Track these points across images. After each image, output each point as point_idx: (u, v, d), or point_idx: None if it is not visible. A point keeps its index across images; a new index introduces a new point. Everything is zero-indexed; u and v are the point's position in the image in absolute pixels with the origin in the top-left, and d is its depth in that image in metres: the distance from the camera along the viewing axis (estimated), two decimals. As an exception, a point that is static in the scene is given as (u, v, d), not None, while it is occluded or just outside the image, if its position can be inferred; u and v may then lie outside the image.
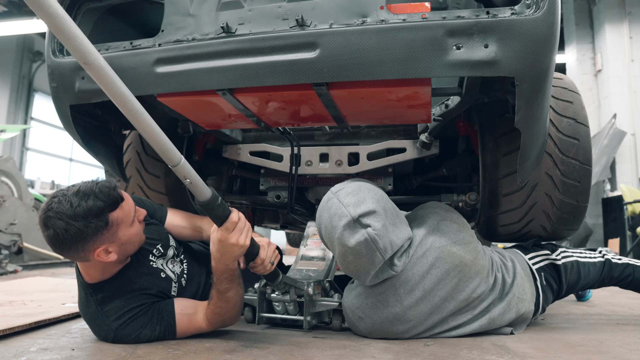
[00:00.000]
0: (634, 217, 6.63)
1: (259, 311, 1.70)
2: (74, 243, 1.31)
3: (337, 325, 1.72)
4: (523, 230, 2.03)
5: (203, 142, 2.42)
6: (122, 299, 1.45)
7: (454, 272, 1.53)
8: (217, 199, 1.22)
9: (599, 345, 1.52)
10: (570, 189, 1.90)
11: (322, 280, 1.79)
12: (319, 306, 1.70)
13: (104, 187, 1.36)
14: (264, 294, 1.70)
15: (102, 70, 0.90)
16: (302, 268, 1.93)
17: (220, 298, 1.45)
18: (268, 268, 1.49)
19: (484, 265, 1.59)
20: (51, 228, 1.30)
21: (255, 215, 3.19)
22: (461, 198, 2.17)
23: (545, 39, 1.18)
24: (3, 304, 2.20)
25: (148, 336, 1.44)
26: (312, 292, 1.66)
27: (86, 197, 1.32)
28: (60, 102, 1.59)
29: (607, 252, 1.97)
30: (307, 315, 1.65)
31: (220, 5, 1.42)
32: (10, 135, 9.21)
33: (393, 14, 1.25)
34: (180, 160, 1.09)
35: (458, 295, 1.55)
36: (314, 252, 2.03)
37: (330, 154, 2.16)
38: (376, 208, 1.44)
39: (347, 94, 1.44)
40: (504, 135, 1.88)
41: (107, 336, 1.44)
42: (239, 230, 1.30)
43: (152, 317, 1.45)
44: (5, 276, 4.30)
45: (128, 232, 1.41)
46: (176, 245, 1.69)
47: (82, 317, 1.53)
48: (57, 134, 14.58)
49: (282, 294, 1.65)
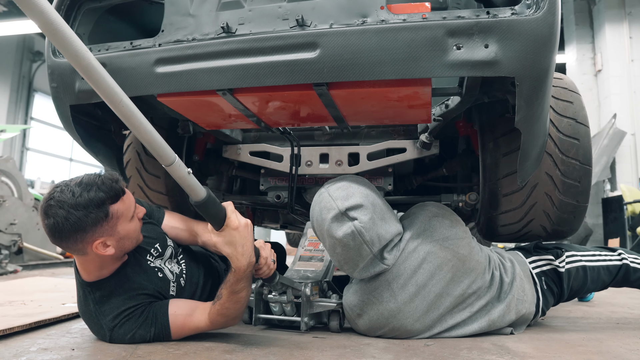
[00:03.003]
0: (634, 217, 6.64)
1: (255, 312, 1.68)
2: (73, 233, 1.32)
3: (335, 326, 1.70)
4: (523, 231, 2.03)
5: (203, 142, 2.42)
6: (119, 299, 1.45)
7: (447, 266, 1.55)
8: (213, 198, 1.21)
9: (599, 345, 1.52)
10: (571, 189, 1.90)
11: (320, 281, 1.79)
12: (316, 307, 1.69)
13: (106, 179, 1.37)
14: (261, 295, 1.69)
15: (93, 68, 0.88)
16: (300, 269, 1.93)
17: (231, 299, 1.41)
18: (272, 267, 1.50)
19: (480, 261, 1.60)
20: (52, 217, 1.30)
21: (255, 215, 3.18)
22: (461, 198, 2.17)
23: (545, 39, 1.18)
24: (3, 304, 2.19)
25: (143, 336, 1.44)
26: (309, 293, 1.65)
27: (89, 187, 1.32)
28: (60, 102, 1.59)
29: (627, 254, 1.87)
30: (305, 316, 1.64)
31: (220, 5, 1.42)
32: (10, 135, 9.21)
33: (393, 14, 1.25)
34: (175, 159, 1.08)
35: (453, 290, 1.56)
36: (312, 253, 2.03)
37: (331, 154, 2.16)
38: (364, 202, 1.49)
39: (348, 94, 1.44)
40: (504, 135, 1.88)
41: (104, 335, 1.45)
42: (239, 216, 1.33)
43: (147, 318, 1.45)
44: (5, 276, 4.30)
45: (127, 227, 1.41)
46: (174, 246, 1.69)
47: (81, 316, 1.53)
48: (57, 134, 14.57)
49: (279, 295, 1.64)
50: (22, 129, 13.50)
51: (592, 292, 1.91)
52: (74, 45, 0.83)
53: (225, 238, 1.32)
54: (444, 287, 1.55)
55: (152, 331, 1.44)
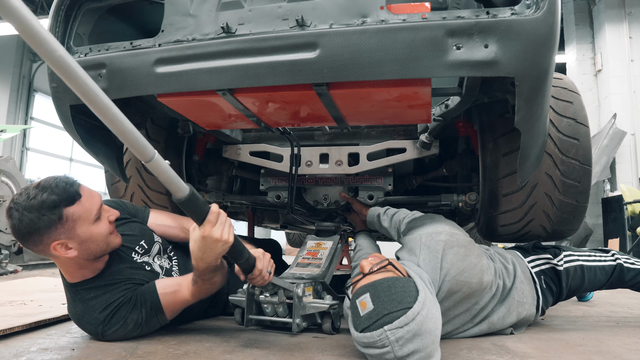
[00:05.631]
0: (634, 217, 6.63)
1: (247, 313, 1.65)
2: (28, 234, 1.34)
3: (328, 328, 1.65)
4: (523, 231, 2.03)
5: (203, 142, 2.43)
6: (107, 294, 1.47)
7: (456, 295, 1.50)
8: (196, 195, 1.16)
9: (599, 345, 1.52)
10: (570, 189, 1.90)
11: (314, 282, 1.76)
12: (308, 308, 1.64)
13: (61, 181, 1.38)
14: (253, 295, 1.65)
15: (63, 60, 0.82)
16: (296, 272, 1.91)
17: (205, 284, 1.46)
18: (267, 278, 1.49)
19: (489, 281, 1.55)
20: (10, 218, 1.35)
21: (255, 215, 3.18)
22: (461, 198, 2.17)
23: (545, 39, 1.18)
24: (3, 304, 2.20)
25: (135, 320, 1.45)
26: (301, 294, 1.61)
27: (43, 190, 1.35)
28: (60, 102, 1.59)
29: (620, 255, 1.89)
30: (297, 317, 1.60)
31: (220, 5, 1.42)
32: (10, 135, 9.21)
33: (393, 14, 1.25)
34: (154, 155, 1.01)
35: (460, 308, 1.53)
36: (310, 261, 2.02)
37: (330, 154, 2.17)
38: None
39: (347, 94, 1.44)
40: (504, 135, 1.88)
41: (97, 331, 1.45)
42: (222, 225, 1.25)
43: (137, 302, 1.47)
44: (5, 276, 4.30)
45: (88, 230, 1.41)
46: (162, 241, 1.69)
47: (73, 320, 1.53)
48: (57, 134, 14.56)
49: (270, 296, 1.61)
50: (22, 129, 13.49)
51: (589, 291, 1.91)
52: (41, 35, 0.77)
53: (194, 235, 1.28)
54: (450, 309, 1.51)
55: (144, 312, 1.46)
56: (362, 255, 1.89)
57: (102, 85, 1.48)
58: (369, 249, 1.99)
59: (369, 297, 1.21)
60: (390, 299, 1.19)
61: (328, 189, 2.32)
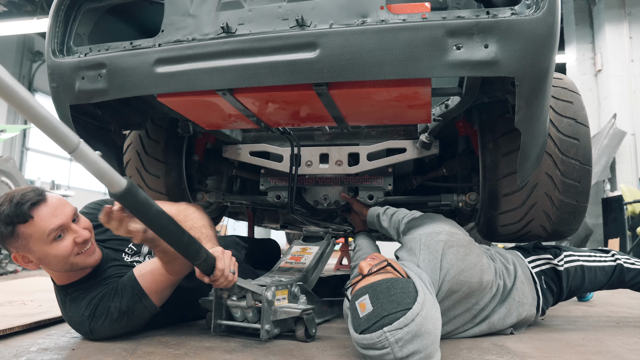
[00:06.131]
0: (634, 217, 6.63)
1: (215, 318, 1.53)
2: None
3: (301, 336, 1.52)
4: (523, 231, 2.03)
5: (203, 142, 2.43)
6: (93, 292, 1.49)
7: (456, 294, 1.49)
8: (135, 188, 1.04)
9: (599, 345, 1.52)
10: (570, 189, 1.90)
11: (290, 285, 1.65)
12: (280, 313, 1.51)
13: (21, 198, 1.34)
14: (221, 299, 1.53)
15: None
16: (275, 276, 1.82)
17: (173, 267, 1.45)
18: (230, 279, 1.37)
19: (489, 281, 1.55)
20: None
21: (255, 215, 3.18)
22: (461, 198, 2.17)
23: (545, 39, 1.18)
24: (3, 304, 2.20)
25: (119, 308, 1.45)
26: (271, 298, 1.48)
27: (4, 202, 1.35)
28: (60, 102, 1.59)
29: (620, 255, 1.89)
30: (266, 323, 1.47)
31: (220, 5, 1.42)
32: (10, 135, 9.20)
33: (393, 14, 1.25)
34: (79, 143, 0.90)
35: (460, 307, 1.53)
36: (292, 265, 1.99)
37: (330, 154, 2.16)
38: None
39: (347, 94, 1.44)
40: (504, 135, 1.88)
41: (86, 330, 1.46)
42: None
43: (117, 290, 1.48)
44: (5, 276, 4.30)
45: (43, 250, 1.37)
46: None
47: (66, 321, 1.55)
48: (57, 134, 14.57)
49: (238, 299, 1.48)
50: (22, 129, 13.49)
51: (589, 292, 1.91)
52: None
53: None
54: (450, 308, 1.51)
55: (126, 298, 1.47)
56: (361, 256, 1.89)
57: (102, 85, 1.48)
58: (369, 249, 1.99)
59: (368, 299, 1.21)
60: (390, 300, 1.19)
61: (328, 189, 2.32)
